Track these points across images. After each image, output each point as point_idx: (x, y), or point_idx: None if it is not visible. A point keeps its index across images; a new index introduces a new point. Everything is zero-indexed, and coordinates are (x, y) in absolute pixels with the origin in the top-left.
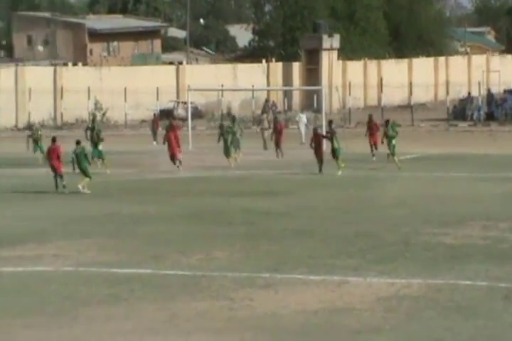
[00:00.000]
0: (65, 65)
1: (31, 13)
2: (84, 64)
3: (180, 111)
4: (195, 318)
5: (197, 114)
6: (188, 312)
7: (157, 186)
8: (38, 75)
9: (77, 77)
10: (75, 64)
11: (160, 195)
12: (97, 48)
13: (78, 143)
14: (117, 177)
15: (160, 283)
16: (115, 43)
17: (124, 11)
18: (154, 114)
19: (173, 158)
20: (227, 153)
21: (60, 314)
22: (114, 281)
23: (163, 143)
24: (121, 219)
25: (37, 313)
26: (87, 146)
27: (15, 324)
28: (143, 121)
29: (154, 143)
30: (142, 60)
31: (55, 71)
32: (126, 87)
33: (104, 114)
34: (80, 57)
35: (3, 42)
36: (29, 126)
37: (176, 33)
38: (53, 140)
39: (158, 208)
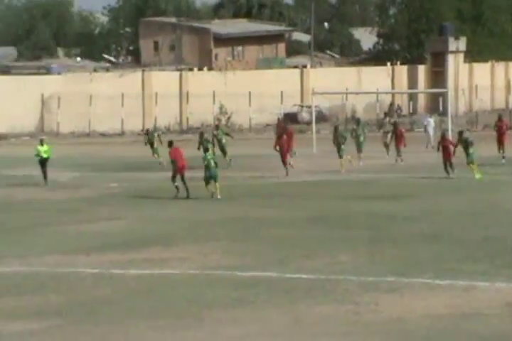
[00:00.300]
0: (191, 69)
1: (158, 19)
2: (210, 68)
3: (304, 115)
4: (319, 322)
5: (321, 117)
6: (313, 316)
7: (281, 189)
8: (164, 80)
9: (202, 82)
10: (200, 68)
11: (284, 199)
12: (222, 53)
13: (207, 150)
14: (242, 180)
15: (285, 287)
16: (240, 48)
17: (248, 16)
18: (278, 118)
19: (284, 162)
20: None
21: (186, 316)
22: (240, 285)
23: (274, 148)
24: (247, 223)
25: (163, 315)
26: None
27: (142, 325)
28: (267, 125)
29: (276, 148)
30: (266, 63)
31: (180, 76)
32: (251, 90)
33: (229, 118)
34: (205, 61)
35: (131, 48)
36: (146, 131)
37: (300, 36)
38: (170, 144)
39: (283, 212)
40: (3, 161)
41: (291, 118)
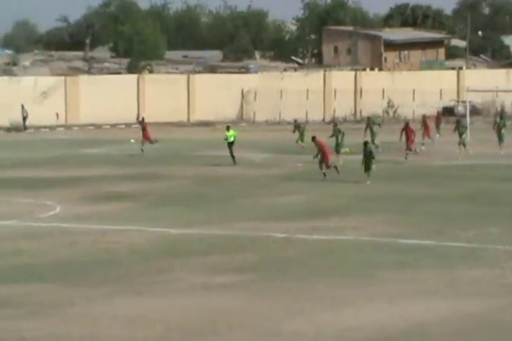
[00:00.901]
0: (364, 70)
1: (337, 27)
2: (380, 69)
3: (460, 109)
4: (471, 283)
5: (474, 111)
6: (465, 278)
7: (438, 171)
8: (341, 78)
9: (373, 80)
10: (372, 69)
11: (440, 179)
12: (390, 56)
13: (366, 143)
14: (407, 163)
15: (441, 253)
16: (406, 52)
17: (414, 25)
18: (438, 111)
19: (409, 149)
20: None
21: (358, 276)
22: (402, 250)
23: (399, 138)
24: (408, 199)
25: (339, 275)
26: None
27: (321, 282)
28: (428, 117)
29: (437, 135)
30: (428, 65)
31: (355, 75)
32: (415, 88)
33: (395, 111)
34: (376, 63)
35: (315, 52)
36: (294, 121)
37: (458, 42)
38: (313, 139)
39: (439, 190)
40: (210, 144)
41: (448, 111)
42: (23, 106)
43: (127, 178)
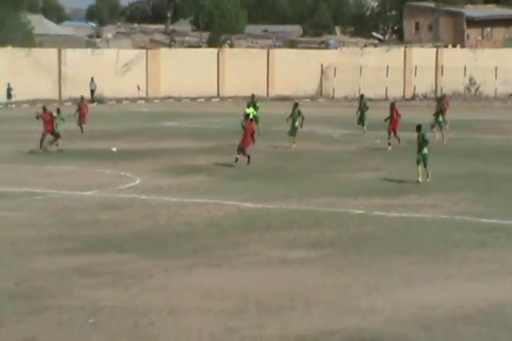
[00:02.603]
0: (445, 47)
1: (419, 4)
2: (462, 46)
3: None
4: None
5: None
6: None
7: None
8: (422, 55)
9: (455, 57)
10: (453, 46)
11: None
12: (472, 33)
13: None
14: (488, 141)
15: None
16: (489, 29)
17: (497, 1)
18: None
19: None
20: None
21: (436, 254)
22: (482, 229)
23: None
24: (489, 177)
25: (417, 252)
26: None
27: (399, 259)
28: (511, 94)
29: None
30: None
31: (436, 52)
32: (497, 66)
33: (477, 89)
34: (458, 40)
35: (395, 28)
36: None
37: None
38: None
39: None
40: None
41: None
42: (92, 79)
43: (206, 151)
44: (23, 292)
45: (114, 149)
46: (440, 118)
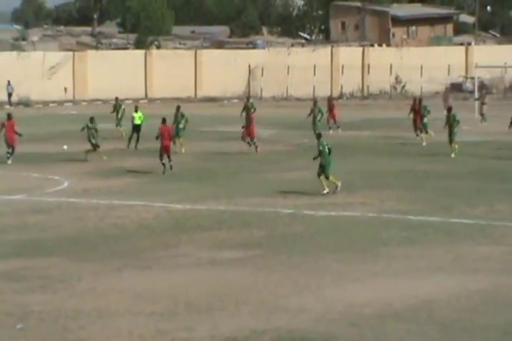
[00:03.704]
0: (372, 45)
1: (345, 3)
2: (388, 45)
3: (468, 85)
4: (478, 260)
5: (483, 87)
6: (473, 254)
7: (445, 148)
8: (349, 54)
9: (381, 56)
10: (379, 45)
11: (447, 156)
12: (398, 32)
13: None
14: (413, 140)
15: (449, 230)
16: (414, 28)
17: (423, 1)
18: (446, 87)
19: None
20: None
21: (365, 252)
22: (410, 226)
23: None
24: (415, 175)
25: (346, 250)
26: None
27: (328, 258)
28: (436, 92)
29: (445, 112)
30: (437, 41)
31: (363, 51)
32: (422, 64)
33: (403, 87)
34: (384, 39)
35: (322, 27)
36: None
37: (466, 18)
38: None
39: (445, 166)
40: (216, 120)
41: (456, 87)
42: (9, 82)
43: (134, 153)
44: None
45: (65, 147)
46: (425, 120)
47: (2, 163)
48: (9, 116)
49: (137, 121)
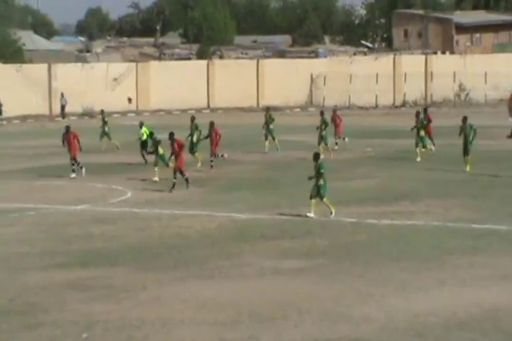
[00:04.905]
0: (435, 53)
1: (407, 11)
2: (451, 52)
3: None
4: None
5: None
6: None
7: (509, 156)
8: (411, 62)
9: (444, 64)
10: (443, 52)
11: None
12: (462, 39)
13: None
14: (478, 147)
15: None
16: (478, 35)
17: (486, 7)
18: (511, 94)
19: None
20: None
21: (429, 260)
22: (474, 235)
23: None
24: (481, 183)
25: (409, 259)
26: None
27: (392, 266)
28: (500, 100)
29: (510, 119)
30: (501, 48)
31: (426, 59)
32: (487, 71)
33: (467, 95)
34: (448, 46)
35: (384, 36)
36: None
37: None
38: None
39: (507, 173)
40: (279, 129)
41: None
42: (62, 95)
43: (196, 163)
44: (16, 308)
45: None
46: (422, 133)
47: (66, 173)
48: (67, 129)
49: (144, 137)
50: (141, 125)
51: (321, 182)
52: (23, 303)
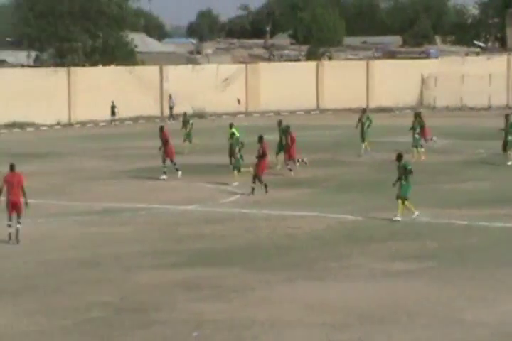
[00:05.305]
0: None
1: None
2: None
3: None
4: None
5: None
6: None
7: None
8: None
9: None
10: None
11: None
12: None
13: None
14: None
15: None
16: None
17: None
18: None
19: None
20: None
21: None
22: None
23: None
24: None
25: None
26: None
27: (503, 270)
28: None
29: None
30: None
31: None
32: None
33: None
34: None
35: (498, 35)
36: None
37: None
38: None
39: None
40: (388, 130)
41: None
42: (170, 97)
43: (306, 164)
44: (129, 306)
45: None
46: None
47: (175, 173)
48: (161, 128)
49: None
50: (231, 126)
51: (403, 182)
52: (135, 302)
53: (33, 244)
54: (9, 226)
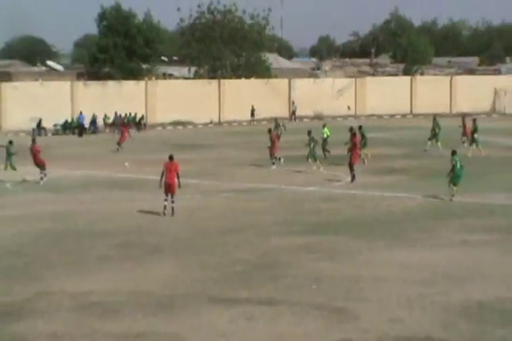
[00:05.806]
0: None
1: None
2: None
3: None
4: None
5: None
6: None
7: None
8: None
9: None
10: None
11: None
12: None
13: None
14: None
15: None
16: None
17: None
18: None
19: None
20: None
21: None
22: None
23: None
24: None
25: None
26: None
27: None
28: None
29: None
30: None
31: None
32: None
33: None
34: None
35: None
36: None
37: None
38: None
39: None
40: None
41: None
42: (293, 103)
43: (401, 156)
44: (264, 263)
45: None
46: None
47: (302, 162)
48: (269, 131)
49: (324, 136)
50: (324, 126)
51: (456, 171)
52: (268, 260)
53: (191, 214)
54: (165, 200)
